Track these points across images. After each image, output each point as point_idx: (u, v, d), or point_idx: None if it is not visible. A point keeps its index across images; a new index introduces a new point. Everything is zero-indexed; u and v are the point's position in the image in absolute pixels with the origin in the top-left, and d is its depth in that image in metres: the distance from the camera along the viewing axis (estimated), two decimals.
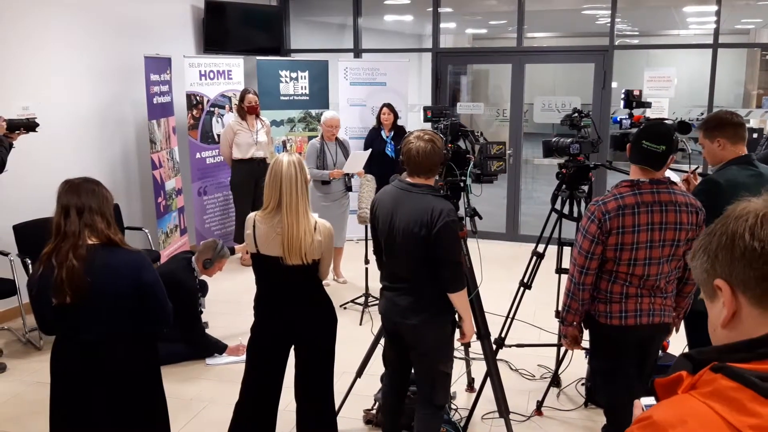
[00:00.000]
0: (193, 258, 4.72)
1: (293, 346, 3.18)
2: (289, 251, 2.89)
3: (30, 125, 4.76)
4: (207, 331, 4.87)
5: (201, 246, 4.78)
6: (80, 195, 2.55)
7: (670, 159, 2.75)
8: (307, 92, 7.84)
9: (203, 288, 5.06)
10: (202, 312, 4.80)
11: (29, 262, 4.88)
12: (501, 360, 4.09)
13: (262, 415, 3.22)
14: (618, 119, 3.69)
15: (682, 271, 2.85)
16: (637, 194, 2.71)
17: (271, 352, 3.16)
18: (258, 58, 7.72)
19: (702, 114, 7.99)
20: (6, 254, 4.92)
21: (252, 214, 3.03)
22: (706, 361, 1.03)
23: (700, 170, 3.64)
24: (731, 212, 1.11)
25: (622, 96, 3.80)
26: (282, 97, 7.70)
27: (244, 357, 4.52)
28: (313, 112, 7.82)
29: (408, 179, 3.02)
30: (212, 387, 4.33)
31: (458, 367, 3.55)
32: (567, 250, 3.89)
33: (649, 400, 1.29)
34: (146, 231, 6.09)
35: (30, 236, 5.02)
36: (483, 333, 3.46)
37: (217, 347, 4.71)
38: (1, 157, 4.42)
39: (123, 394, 2.64)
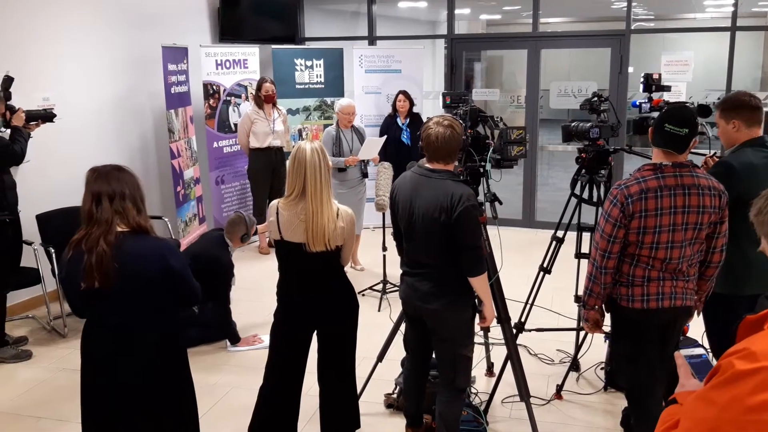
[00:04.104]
0: (225, 235, 4.77)
1: (316, 331, 3.21)
2: (313, 238, 2.92)
3: (47, 116, 4.82)
4: None
5: (227, 225, 4.80)
6: (110, 182, 2.57)
7: (693, 142, 2.75)
8: (323, 80, 7.85)
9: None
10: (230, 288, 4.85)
11: (53, 251, 4.95)
12: (520, 345, 4.11)
13: (285, 399, 3.26)
14: (637, 103, 3.68)
15: (704, 255, 2.85)
16: (660, 178, 2.71)
17: (294, 337, 3.19)
18: (273, 46, 7.74)
19: (719, 98, 7.90)
20: (30, 243, 4.99)
21: (275, 201, 3.06)
22: None
23: (719, 154, 3.63)
24: None
25: (641, 80, 3.78)
26: (297, 86, 7.72)
27: (263, 344, 4.62)
28: (329, 100, 7.84)
29: (427, 165, 3.03)
30: (235, 372, 4.39)
31: (478, 352, 3.57)
32: (586, 235, 3.91)
33: (690, 351, 1.39)
34: (166, 219, 6.14)
35: (53, 226, 5.10)
36: (503, 317, 3.48)
37: (233, 334, 4.77)
38: (21, 147, 4.49)
39: (150, 378, 2.67)
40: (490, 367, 4.26)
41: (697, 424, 1.15)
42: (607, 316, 3.04)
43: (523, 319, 4.02)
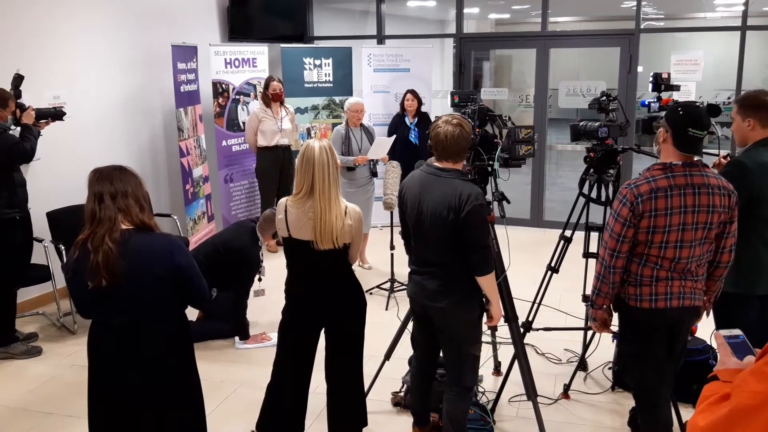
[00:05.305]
0: (257, 229, 4.75)
1: (323, 329, 3.23)
2: (321, 236, 2.94)
3: (57, 114, 4.85)
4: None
5: (262, 220, 4.77)
6: (113, 181, 2.58)
7: None
8: (331, 79, 7.86)
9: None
10: (261, 279, 4.85)
11: (63, 248, 4.98)
12: (527, 344, 4.10)
13: (293, 397, 3.28)
14: (646, 103, 3.67)
15: (713, 254, 2.84)
16: (670, 177, 2.70)
17: (301, 334, 3.21)
18: (282, 45, 7.76)
19: (729, 98, 7.87)
20: (40, 241, 5.02)
21: (283, 199, 3.07)
22: None
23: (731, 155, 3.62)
24: None
25: (651, 79, 3.77)
26: (306, 85, 7.74)
27: (271, 342, 4.64)
28: (337, 99, 7.84)
29: (436, 164, 3.04)
30: (243, 370, 4.41)
31: (485, 351, 3.57)
32: (594, 234, 3.90)
33: (729, 332, 1.44)
34: (175, 217, 6.17)
35: (63, 223, 5.14)
36: (511, 316, 3.48)
37: (242, 331, 4.79)
38: (32, 145, 4.52)
39: (157, 376, 2.68)
40: (497, 366, 4.26)
41: (749, 396, 1.23)
42: (615, 316, 3.04)
43: (530, 319, 4.02)
